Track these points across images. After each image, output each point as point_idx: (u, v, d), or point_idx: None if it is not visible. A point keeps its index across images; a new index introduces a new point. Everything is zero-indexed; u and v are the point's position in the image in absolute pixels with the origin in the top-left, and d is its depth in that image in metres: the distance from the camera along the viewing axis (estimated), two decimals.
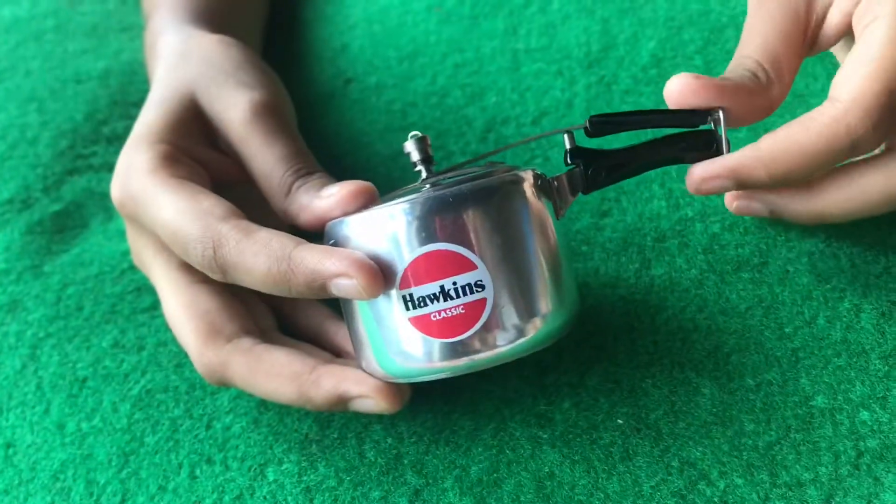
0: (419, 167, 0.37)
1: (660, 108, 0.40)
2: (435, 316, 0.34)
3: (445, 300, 0.34)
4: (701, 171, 0.39)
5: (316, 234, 0.38)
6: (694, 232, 0.45)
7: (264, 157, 0.40)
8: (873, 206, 0.40)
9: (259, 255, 0.35)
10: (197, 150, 0.42)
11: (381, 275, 0.34)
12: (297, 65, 0.61)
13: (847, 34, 0.41)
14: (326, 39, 0.62)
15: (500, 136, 0.52)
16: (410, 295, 0.34)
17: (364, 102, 0.57)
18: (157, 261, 0.41)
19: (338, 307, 0.39)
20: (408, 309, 0.34)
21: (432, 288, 0.34)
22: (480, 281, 0.34)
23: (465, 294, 0.34)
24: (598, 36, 0.53)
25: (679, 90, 0.38)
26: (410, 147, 0.37)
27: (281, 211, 0.40)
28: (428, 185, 0.36)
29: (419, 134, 0.37)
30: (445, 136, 0.53)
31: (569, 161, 0.38)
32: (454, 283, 0.34)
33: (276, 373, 0.38)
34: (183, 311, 0.39)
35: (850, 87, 0.37)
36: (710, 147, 0.39)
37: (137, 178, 0.39)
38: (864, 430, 0.38)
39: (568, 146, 0.38)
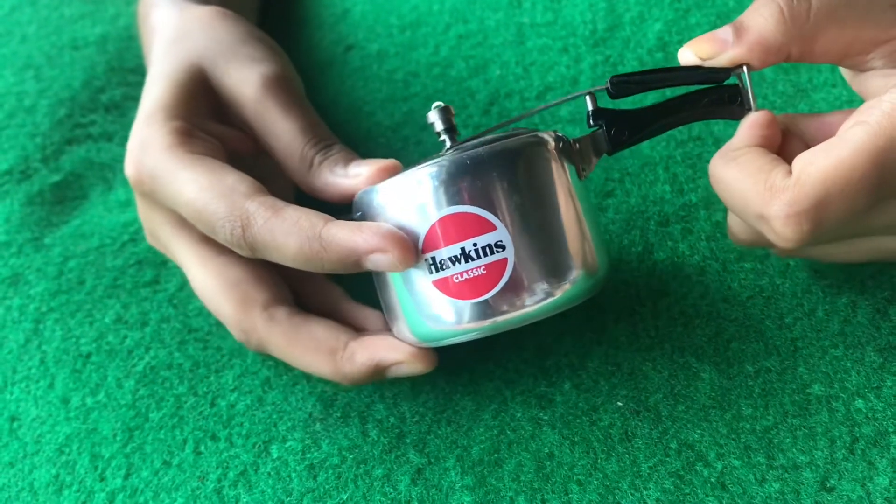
0: (443, 136, 0.37)
1: (665, 93, 0.39)
2: (457, 277, 0.35)
3: (466, 262, 0.34)
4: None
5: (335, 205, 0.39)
6: (698, 219, 0.45)
7: (281, 130, 0.40)
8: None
9: (290, 235, 0.35)
10: (209, 124, 0.41)
11: (413, 246, 0.34)
12: (296, 30, 0.61)
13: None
14: (327, 4, 0.61)
15: (504, 109, 0.52)
16: (433, 258, 0.35)
17: (365, 70, 0.56)
18: (178, 237, 0.41)
19: (350, 286, 0.40)
20: (431, 272, 0.35)
21: (454, 250, 0.34)
22: (500, 241, 0.34)
23: (485, 255, 0.34)
24: (604, 14, 0.53)
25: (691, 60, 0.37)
26: (434, 117, 0.37)
27: (304, 184, 0.40)
28: (453, 152, 0.36)
29: (442, 104, 0.37)
30: None
31: (591, 123, 0.38)
32: (474, 245, 0.34)
33: (314, 347, 0.38)
34: (215, 283, 0.40)
35: (803, 173, 0.34)
36: (734, 101, 0.38)
37: (154, 155, 0.39)
38: (859, 417, 0.38)
39: (590, 108, 0.38)
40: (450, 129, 0.37)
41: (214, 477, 0.39)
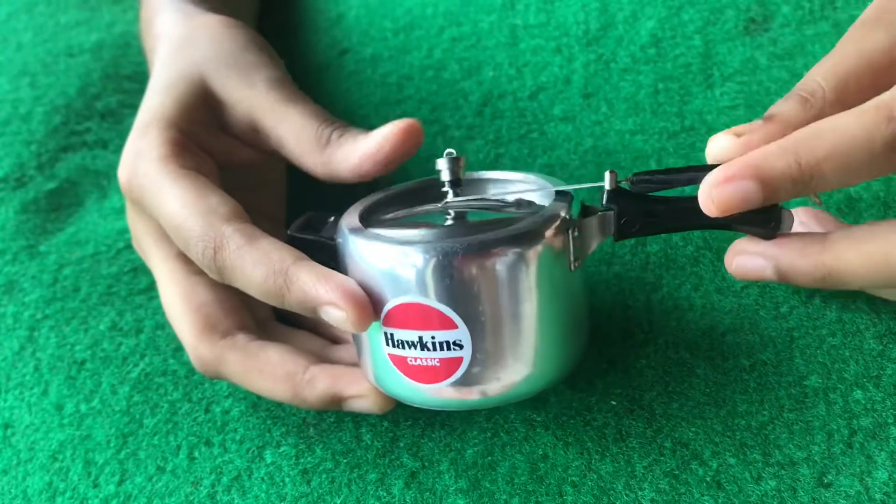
0: (447, 188, 0.37)
1: (657, 86, 0.38)
2: (412, 360, 0.35)
3: (423, 349, 0.34)
4: (715, 178, 0.32)
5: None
6: None
7: (293, 117, 0.40)
8: (892, 271, 0.33)
9: (258, 266, 0.35)
10: (205, 136, 0.42)
11: (371, 310, 0.34)
12: (291, 34, 0.61)
13: None
14: (322, 9, 0.61)
15: (497, 110, 0.52)
16: (392, 335, 0.34)
17: (359, 74, 0.56)
18: (157, 249, 0.41)
19: None
20: (388, 345, 0.35)
21: (412, 335, 0.34)
22: (459, 341, 0.34)
23: (441, 349, 0.34)
24: (597, 14, 0.52)
25: (721, 155, 0.34)
26: (442, 165, 0.37)
27: (321, 163, 0.40)
28: (450, 214, 0.36)
29: (454, 153, 0.37)
30: (441, 110, 0.53)
31: (605, 202, 0.35)
32: (433, 337, 0.34)
33: (270, 372, 0.38)
34: (179, 303, 0.39)
35: None
36: (767, 224, 0.35)
37: (146, 165, 0.39)
38: (857, 408, 0.38)
39: (608, 186, 0.35)
40: (455, 182, 0.37)
41: (208, 482, 0.39)
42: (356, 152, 0.38)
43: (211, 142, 0.42)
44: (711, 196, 0.32)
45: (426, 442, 0.39)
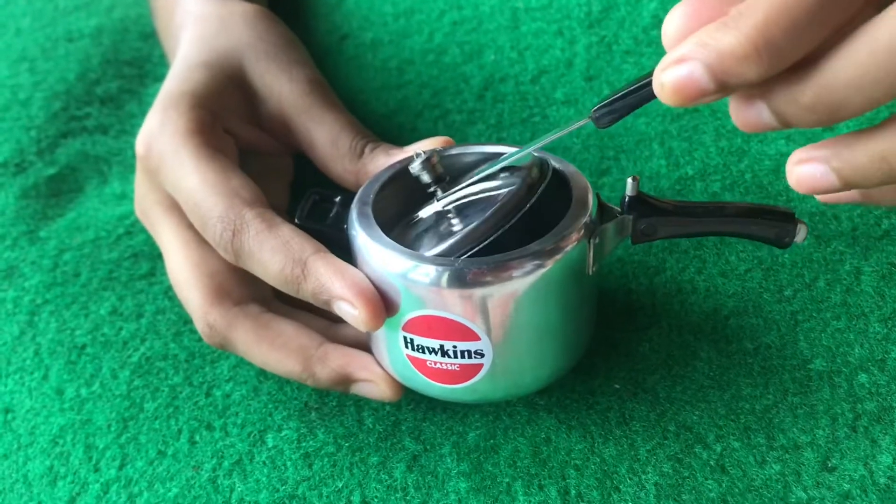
0: (433, 188, 0.37)
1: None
2: (431, 364, 0.35)
3: (443, 356, 0.35)
4: (662, 62, 0.28)
5: None
6: (694, 191, 0.44)
7: (330, 124, 0.42)
8: (881, 66, 0.26)
9: (277, 253, 0.35)
10: (231, 120, 0.42)
11: (383, 312, 0.34)
12: (291, 19, 0.60)
13: None
14: None
15: (498, 93, 0.51)
16: (411, 339, 0.35)
17: (360, 59, 0.56)
18: (168, 218, 0.41)
19: None
20: (407, 348, 0.35)
21: (433, 343, 0.34)
22: (481, 350, 0.34)
23: (462, 357, 0.34)
24: None
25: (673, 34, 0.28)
26: (418, 170, 0.36)
27: (351, 172, 0.41)
28: (451, 213, 0.36)
29: (423, 154, 0.36)
30: (442, 94, 0.52)
31: (625, 208, 0.35)
32: (454, 346, 0.34)
33: (283, 343, 0.38)
34: (191, 269, 0.39)
35: None
36: (782, 238, 0.36)
37: (171, 137, 0.39)
38: (862, 392, 0.38)
39: (629, 192, 0.35)
40: (438, 179, 0.36)
41: (209, 466, 0.39)
42: (391, 161, 0.39)
43: (236, 126, 0.42)
44: (661, 81, 0.27)
45: (428, 425, 0.39)
